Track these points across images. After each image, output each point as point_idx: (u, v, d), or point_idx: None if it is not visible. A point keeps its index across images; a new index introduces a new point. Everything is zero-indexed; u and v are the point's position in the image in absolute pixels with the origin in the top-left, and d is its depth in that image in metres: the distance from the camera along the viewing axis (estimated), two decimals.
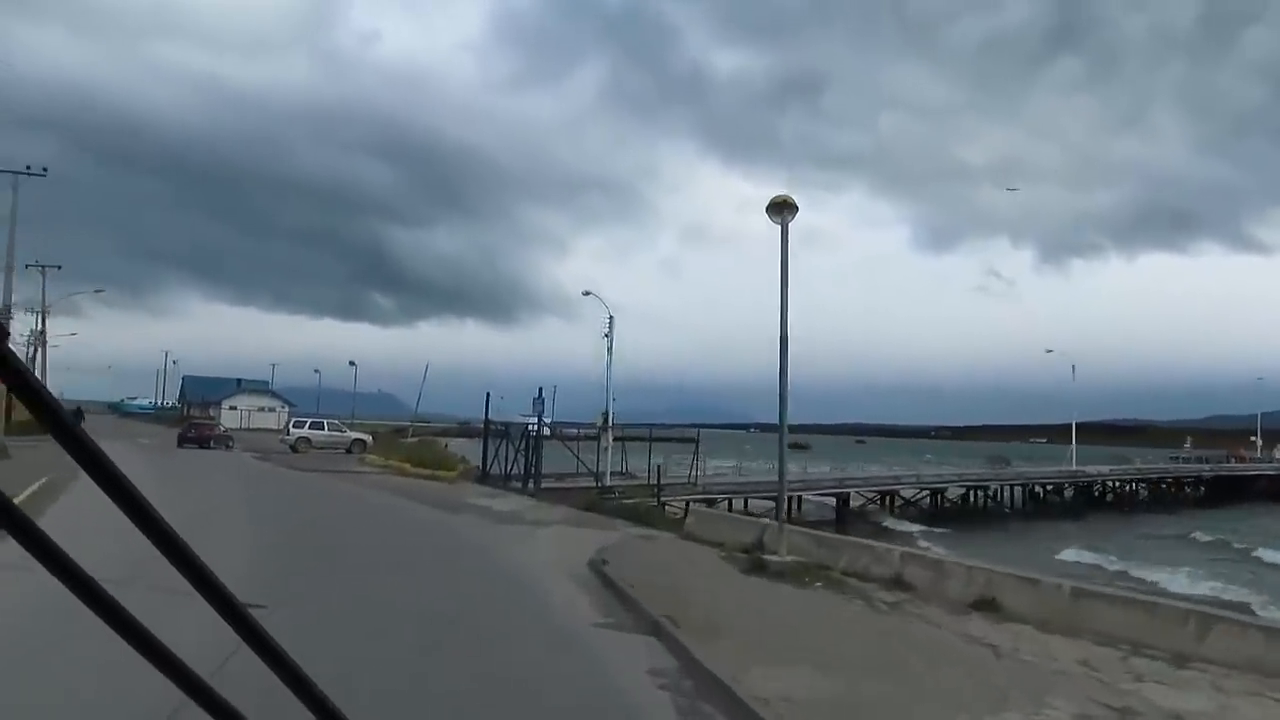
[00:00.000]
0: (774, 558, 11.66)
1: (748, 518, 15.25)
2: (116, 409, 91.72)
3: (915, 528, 34.91)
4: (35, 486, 16.05)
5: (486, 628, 8.52)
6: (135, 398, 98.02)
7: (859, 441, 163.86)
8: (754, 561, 11.85)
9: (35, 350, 53.05)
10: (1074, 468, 48.91)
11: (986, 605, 9.54)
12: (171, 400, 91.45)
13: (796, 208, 12.33)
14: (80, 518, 7.02)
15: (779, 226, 12.28)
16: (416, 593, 9.90)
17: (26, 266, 48.74)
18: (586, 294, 27.64)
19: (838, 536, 13.13)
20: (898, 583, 10.71)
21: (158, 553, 0.78)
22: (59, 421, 0.69)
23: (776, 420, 12.52)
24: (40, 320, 50.23)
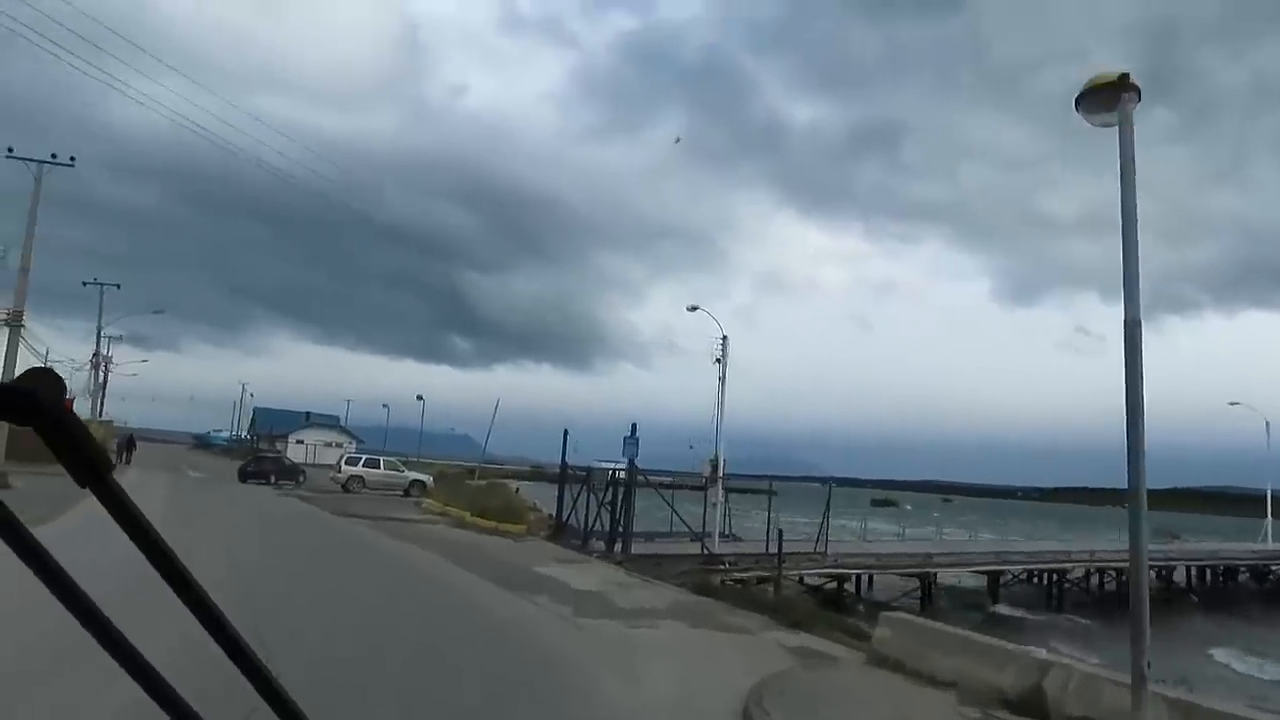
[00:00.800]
0: None
1: (990, 640, 9.35)
2: (201, 440, 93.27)
3: (1014, 612, 27.54)
4: None
5: None
6: (221, 430, 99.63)
7: (945, 500, 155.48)
8: None
9: (96, 374, 51.09)
10: (1271, 546, 40.39)
11: None
12: (244, 433, 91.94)
13: (1139, 91, 6.83)
14: None
15: (1115, 126, 6.78)
16: None
17: (84, 284, 46.24)
18: (693, 309, 22.29)
19: (1198, 702, 7.15)
20: None
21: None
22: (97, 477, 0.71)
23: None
24: (97, 341, 47.66)
